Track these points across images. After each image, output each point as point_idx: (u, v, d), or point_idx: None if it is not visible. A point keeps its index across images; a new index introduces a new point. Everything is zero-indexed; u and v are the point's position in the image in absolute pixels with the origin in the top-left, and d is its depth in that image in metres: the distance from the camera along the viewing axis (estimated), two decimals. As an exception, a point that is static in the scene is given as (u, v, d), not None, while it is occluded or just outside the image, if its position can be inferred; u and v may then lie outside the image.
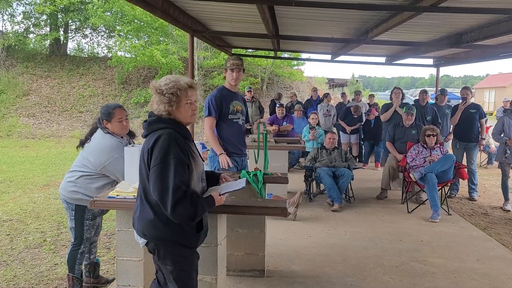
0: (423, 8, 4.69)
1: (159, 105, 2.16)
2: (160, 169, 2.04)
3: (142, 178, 2.18)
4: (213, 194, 2.20)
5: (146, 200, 2.16)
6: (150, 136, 2.15)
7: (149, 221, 2.15)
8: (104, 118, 3.23)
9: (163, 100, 2.14)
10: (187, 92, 2.17)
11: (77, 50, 22.57)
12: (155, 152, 2.07)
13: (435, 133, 5.88)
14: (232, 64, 3.86)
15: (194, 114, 2.24)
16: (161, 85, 2.16)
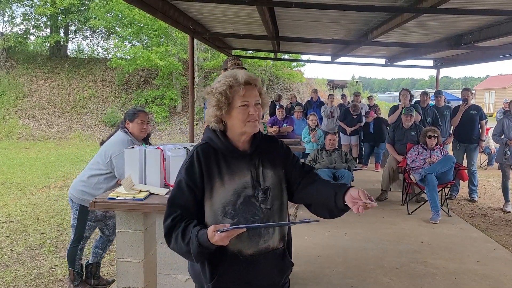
0: (423, 10, 4.70)
1: (208, 109, 1.70)
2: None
3: None
4: (209, 229, 1.50)
5: None
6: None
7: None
8: (127, 118, 3.40)
9: (212, 102, 1.67)
10: (241, 90, 1.62)
11: (78, 52, 22.59)
12: None
13: (436, 134, 5.88)
14: (234, 64, 3.80)
15: (253, 121, 1.64)
16: (214, 83, 1.71)
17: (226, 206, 1.62)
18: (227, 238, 1.48)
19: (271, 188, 1.70)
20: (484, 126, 6.69)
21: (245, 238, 1.62)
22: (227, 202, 1.62)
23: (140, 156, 2.94)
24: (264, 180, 1.69)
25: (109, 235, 3.54)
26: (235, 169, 1.66)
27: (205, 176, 1.63)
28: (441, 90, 7.94)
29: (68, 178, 8.29)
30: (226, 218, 1.61)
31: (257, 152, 1.71)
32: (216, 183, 1.63)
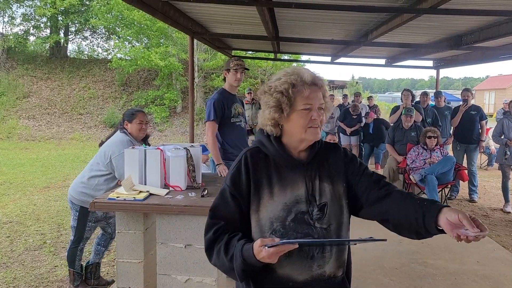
0: (423, 10, 4.70)
1: (263, 110, 1.48)
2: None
3: None
4: (255, 243, 1.31)
5: None
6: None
7: None
8: (126, 119, 3.40)
9: (269, 103, 1.44)
10: (306, 91, 1.41)
11: (77, 52, 22.60)
12: None
13: (435, 135, 5.89)
14: (236, 64, 3.79)
15: (315, 127, 1.43)
16: (272, 81, 1.48)
17: (274, 222, 1.40)
18: (275, 255, 1.27)
19: (329, 205, 1.48)
20: (484, 127, 6.70)
21: (296, 261, 1.40)
22: (275, 217, 1.40)
23: (140, 157, 2.94)
24: (321, 195, 1.47)
25: (111, 233, 3.54)
26: (287, 180, 1.44)
27: (252, 185, 1.43)
28: (441, 91, 7.95)
29: (68, 179, 8.29)
30: (274, 236, 1.39)
31: (315, 162, 1.50)
32: (264, 195, 1.42)
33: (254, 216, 1.43)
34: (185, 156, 2.97)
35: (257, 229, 1.42)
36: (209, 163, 4.42)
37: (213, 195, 2.78)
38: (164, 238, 2.68)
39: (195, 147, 3.15)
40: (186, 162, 2.98)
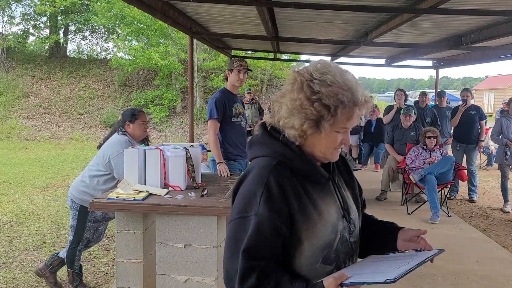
0: (422, 10, 4.70)
1: (293, 115, 1.19)
2: (234, 230, 1.18)
3: None
4: (327, 282, 1.09)
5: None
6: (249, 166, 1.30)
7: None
8: (127, 119, 3.34)
9: (306, 112, 1.17)
10: (353, 112, 1.21)
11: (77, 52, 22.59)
12: (236, 199, 1.23)
13: (435, 135, 5.89)
14: (239, 65, 3.80)
15: (336, 150, 1.28)
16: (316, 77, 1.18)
17: (325, 248, 1.19)
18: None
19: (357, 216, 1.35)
20: (483, 127, 6.70)
21: None
22: (328, 241, 1.20)
23: (140, 157, 2.94)
24: (350, 206, 1.32)
25: (89, 239, 3.47)
26: (324, 196, 1.25)
27: (295, 207, 1.17)
28: (444, 91, 7.93)
29: (67, 179, 8.28)
30: (327, 265, 1.20)
31: (334, 171, 1.35)
32: (313, 216, 1.18)
33: (300, 247, 1.18)
34: (184, 156, 2.97)
35: (304, 261, 1.18)
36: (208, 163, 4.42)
37: (213, 195, 2.78)
38: (164, 238, 2.68)
39: (194, 147, 3.15)
40: (186, 162, 2.98)
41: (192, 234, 2.62)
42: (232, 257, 1.15)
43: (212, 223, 2.61)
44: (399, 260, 1.21)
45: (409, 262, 1.16)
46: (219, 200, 2.69)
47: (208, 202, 2.59)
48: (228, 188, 3.08)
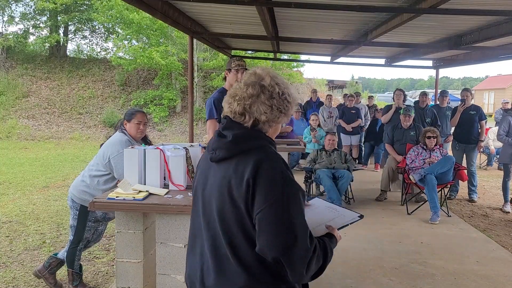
0: (422, 10, 4.70)
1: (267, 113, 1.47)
2: (281, 211, 1.34)
3: (224, 223, 1.42)
4: (335, 233, 1.57)
5: (236, 257, 1.39)
6: (240, 159, 1.42)
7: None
8: (125, 118, 3.40)
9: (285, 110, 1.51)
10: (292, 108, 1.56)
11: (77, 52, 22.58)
12: (265, 184, 1.35)
13: (435, 135, 5.89)
14: (238, 65, 3.80)
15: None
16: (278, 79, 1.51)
17: None
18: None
19: None
20: (483, 127, 6.69)
21: None
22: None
23: (140, 157, 2.94)
24: None
25: (89, 239, 3.48)
26: None
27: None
28: (447, 91, 7.91)
29: (67, 178, 8.28)
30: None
31: None
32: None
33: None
34: (184, 156, 2.97)
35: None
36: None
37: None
38: (164, 237, 2.68)
39: (194, 146, 3.15)
40: (186, 162, 2.98)
41: (192, 234, 2.62)
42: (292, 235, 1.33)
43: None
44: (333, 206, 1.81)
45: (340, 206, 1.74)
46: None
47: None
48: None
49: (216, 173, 1.46)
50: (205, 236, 1.48)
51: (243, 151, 1.42)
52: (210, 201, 1.46)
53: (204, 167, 1.56)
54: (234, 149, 1.43)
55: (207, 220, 1.48)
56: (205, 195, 1.50)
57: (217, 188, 1.44)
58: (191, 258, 1.56)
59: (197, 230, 1.54)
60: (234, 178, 1.38)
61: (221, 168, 1.45)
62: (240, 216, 1.38)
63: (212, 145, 1.49)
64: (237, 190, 1.37)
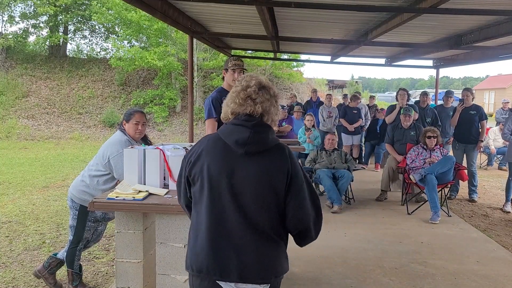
0: (422, 10, 4.69)
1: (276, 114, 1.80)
2: (310, 190, 1.74)
3: (265, 206, 1.68)
4: None
5: (277, 233, 1.72)
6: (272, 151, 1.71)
7: (277, 257, 1.72)
8: (124, 118, 3.40)
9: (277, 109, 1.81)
10: None
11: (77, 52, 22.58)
12: (298, 172, 1.71)
13: (435, 135, 5.88)
14: (234, 64, 3.78)
15: None
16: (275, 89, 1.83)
17: None
18: None
19: None
20: (484, 126, 6.67)
21: None
22: None
23: (140, 156, 2.93)
24: None
25: (88, 239, 3.47)
26: None
27: None
28: (452, 91, 7.88)
29: (67, 178, 8.28)
30: None
31: None
32: None
33: None
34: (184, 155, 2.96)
35: None
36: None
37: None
38: (164, 237, 2.68)
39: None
40: (186, 161, 2.97)
41: (192, 234, 2.62)
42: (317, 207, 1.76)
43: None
44: None
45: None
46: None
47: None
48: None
49: (249, 165, 1.67)
50: (241, 221, 1.66)
51: (274, 144, 1.72)
52: (244, 189, 1.66)
53: (222, 160, 1.69)
54: (271, 143, 1.70)
55: (242, 206, 1.67)
56: (235, 184, 1.67)
57: (254, 177, 1.66)
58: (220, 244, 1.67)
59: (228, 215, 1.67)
60: (273, 167, 1.67)
61: (253, 160, 1.67)
62: (279, 199, 1.68)
63: (243, 139, 1.66)
64: (278, 177, 1.67)
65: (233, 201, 1.66)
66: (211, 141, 1.75)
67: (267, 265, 1.68)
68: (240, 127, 1.68)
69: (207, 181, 1.69)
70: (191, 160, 1.76)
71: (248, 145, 1.66)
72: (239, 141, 1.66)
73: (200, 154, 1.74)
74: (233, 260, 1.65)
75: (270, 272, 1.68)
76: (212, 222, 1.68)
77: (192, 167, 1.75)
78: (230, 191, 1.66)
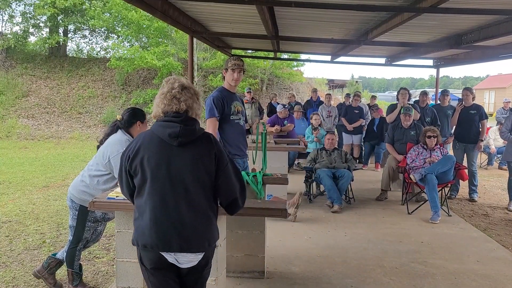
0: (423, 9, 4.69)
1: (199, 109, 2.15)
2: (233, 168, 2.11)
3: (199, 186, 2.02)
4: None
5: (210, 208, 2.08)
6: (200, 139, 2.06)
7: (209, 230, 2.07)
8: (140, 119, 3.39)
9: (199, 105, 2.16)
10: None
11: (77, 51, 22.57)
12: (223, 154, 2.09)
13: (435, 134, 5.88)
14: (234, 64, 3.78)
15: None
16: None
17: None
18: None
19: None
20: (484, 126, 6.67)
21: None
22: None
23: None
24: None
25: (88, 239, 3.47)
26: None
27: None
28: (448, 90, 7.88)
29: (67, 178, 8.28)
30: None
31: None
32: None
33: None
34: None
35: None
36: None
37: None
38: (164, 237, 2.67)
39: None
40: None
41: (192, 233, 2.62)
42: (241, 181, 2.17)
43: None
44: None
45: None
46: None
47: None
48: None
49: (184, 154, 2.00)
50: (182, 205, 1.98)
51: (201, 134, 2.06)
52: (181, 175, 1.98)
53: (159, 152, 2.00)
54: (197, 133, 2.03)
55: (179, 189, 1.98)
56: (172, 171, 1.98)
57: (190, 163, 1.99)
58: (159, 226, 1.98)
59: (167, 203, 1.98)
60: (203, 153, 2.02)
61: (188, 149, 2.00)
62: (210, 178, 2.04)
63: (174, 133, 1.98)
64: (208, 160, 2.02)
65: (173, 185, 1.98)
66: (147, 137, 2.04)
67: (203, 237, 2.02)
68: (171, 123, 2.00)
69: (148, 171, 1.99)
70: (130, 155, 2.03)
71: (180, 137, 1.98)
72: (172, 135, 1.98)
73: (138, 149, 2.02)
74: (173, 236, 1.97)
75: (204, 242, 2.03)
76: (155, 204, 1.98)
77: (132, 161, 2.02)
78: (169, 177, 1.98)
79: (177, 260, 2.02)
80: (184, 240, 1.98)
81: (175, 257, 2.01)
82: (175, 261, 2.02)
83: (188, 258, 2.03)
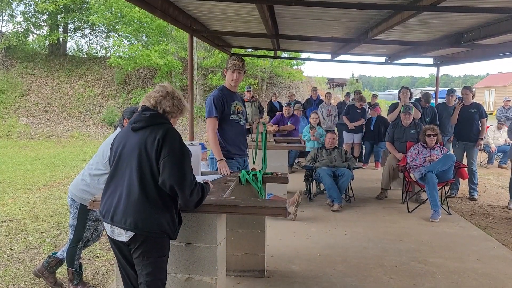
0: (423, 8, 4.68)
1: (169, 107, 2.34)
2: (178, 158, 2.19)
3: (140, 169, 2.20)
4: (208, 182, 2.54)
5: (144, 191, 2.19)
6: (153, 128, 2.24)
7: (144, 213, 2.18)
8: (126, 116, 3.39)
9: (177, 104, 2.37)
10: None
11: (77, 50, 22.55)
12: (169, 143, 2.20)
13: (435, 133, 5.88)
14: (234, 65, 3.77)
15: None
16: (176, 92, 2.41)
17: None
18: None
19: None
20: (484, 125, 6.67)
21: None
22: None
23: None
24: None
25: (88, 238, 3.46)
26: None
27: None
28: (454, 89, 7.86)
29: (67, 177, 8.28)
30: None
31: None
32: None
33: None
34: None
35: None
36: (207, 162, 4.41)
37: (213, 193, 2.78)
38: (164, 236, 2.67)
39: (194, 145, 3.14)
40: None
41: (192, 232, 2.62)
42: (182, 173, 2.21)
43: (212, 221, 2.61)
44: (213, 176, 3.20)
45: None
46: (219, 199, 2.68)
47: (208, 201, 2.58)
48: (228, 186, 3.08)
49: (134, 138, 2.24)
50: (126, 183, 2.21)
51: (155, 124, 2.25)
52: (130, 157, 2.23)
53: (122, 138, 2.32)
54: (150, 122, 2.25)
55: (128, 170, 2.22)
56: (124, 154, 2.26)
57: (136, 146, 2.21)
58: (110, 199, 2.25)
59: (119, 180, 2.25)
60: (149, 139, 2.20)
61: (138, 134, 2.24)
62: (150, 162, 2.18)
63: (134, 119, 2.28)
64: (151, 146, 2.18)
65: (123, 164, 2.25)
66: (125, 128, 2.37)
67: (136, 218, 2.16)
68: (136, 114, 2.33)
69: (113, 153, 2.33)
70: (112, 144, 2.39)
71: (135, 123, 2.27)
72: (131, 121, 2.30)
73: (116, 137, 2.39)
74: (112, 207, 2.22)
75: (137, 222, 2.16)
76: (113, 181, 2.28)
77: (111, 148, 2.38)
78: (122, 157, 2.26)
79: (112, 233, 2.25)
80: (115, 214, 2.20)
81: (111, 229, 2.24)
82: (111, 234, 2.26)
83: (118, 232, 2.22)
